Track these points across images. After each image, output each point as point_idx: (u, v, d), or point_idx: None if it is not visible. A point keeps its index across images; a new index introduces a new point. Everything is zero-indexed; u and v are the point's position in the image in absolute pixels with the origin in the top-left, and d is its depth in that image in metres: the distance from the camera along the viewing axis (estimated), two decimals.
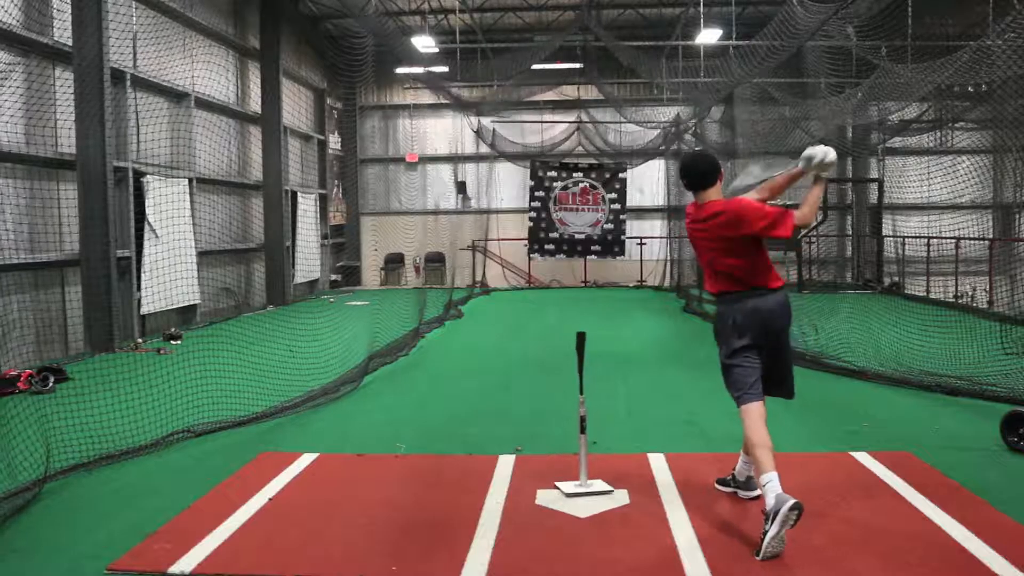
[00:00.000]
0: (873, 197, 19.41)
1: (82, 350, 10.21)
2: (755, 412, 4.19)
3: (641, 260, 20.59)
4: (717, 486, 4.80)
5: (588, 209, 20.83)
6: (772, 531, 3.75)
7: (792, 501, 3.75)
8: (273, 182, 16.32)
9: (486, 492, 4.75)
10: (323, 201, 20.12)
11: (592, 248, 20.84)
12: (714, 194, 4.38)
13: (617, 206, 20.79)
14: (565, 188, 20.82)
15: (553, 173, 20.86)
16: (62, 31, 10.04)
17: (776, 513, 3.74)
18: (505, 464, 5.30)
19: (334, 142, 21.08)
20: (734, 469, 4.72)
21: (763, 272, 4.31)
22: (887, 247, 18.54)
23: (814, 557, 3.82)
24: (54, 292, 10.07)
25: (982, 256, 15.28)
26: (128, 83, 11.49)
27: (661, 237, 20.53)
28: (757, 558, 3.78)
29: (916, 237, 16.23)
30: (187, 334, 11.73)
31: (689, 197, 4.63)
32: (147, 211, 11.61)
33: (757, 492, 4.56)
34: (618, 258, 20.84)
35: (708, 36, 15.65)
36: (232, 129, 15.48)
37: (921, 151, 17.70)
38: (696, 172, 4.41)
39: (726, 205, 4.31)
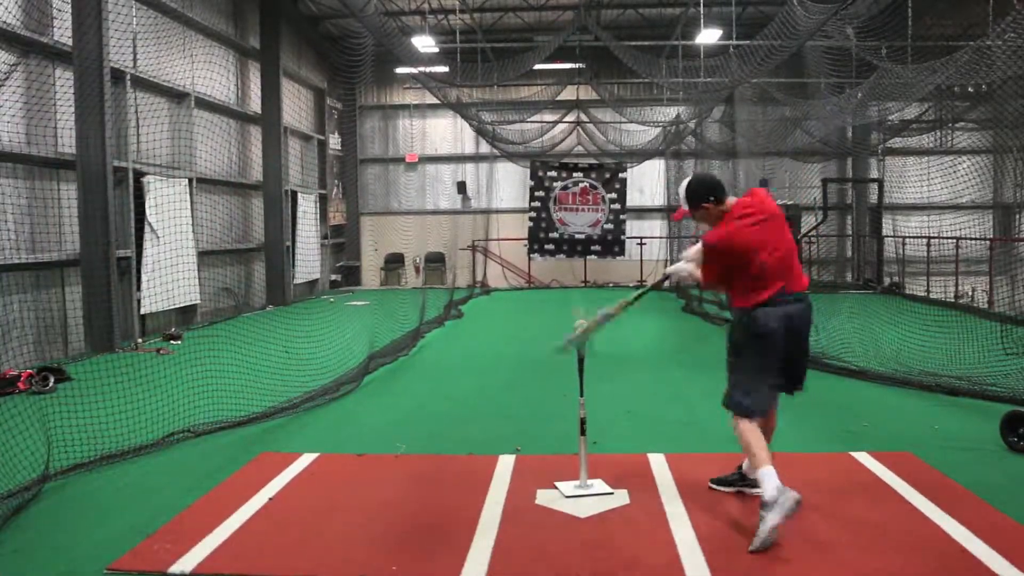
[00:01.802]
0: (873, 197, 19.42)
1: (82, 350, 10.21)
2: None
3: (641, 260, 20.59)
4: (715, 487, 4.75)
5: (588, 209, 20.83)
6: (771, 519, 3.81)
7: (797, 495, 3.85)
8: (273, 182, 16.33)
9: (486, 492, 4.75)
10: (323, 201, 20.13)
11: (592, 248, 20.84)
12: (713, 213, 4.37)
13: (617, 206, 20.80)
14: (565, 188, 20.82)
15: (553, 173, 20.87)
16: (62, 31, 10.04)
17: (775, 503, 3.82)
18: (505, 464, 5.30)
19: (334, 142, 21.08)
20: (741, 467, 4.69)
21: (739, 294, 4.30)
22: (887, 247, 18.55)
23: (814, 557, 3.82)
24: (54, 292, 10.07)
25: (982, 256, 15.28)
26: (128, 83, 11.49)
27: (661, 237, 20.54)
28: (750, 550, 3.82)
29: (916, 237, 16.24)
30: (187, 334, 11.73)
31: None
32: (147, 211, 11.61)
33: None
34: (618, 258, 20.85)
35: (708, 36, 15.66)
36: (232, 129, 15.48)
37: (921, 151, 17.70)
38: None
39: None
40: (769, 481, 3.91)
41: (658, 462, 5.27)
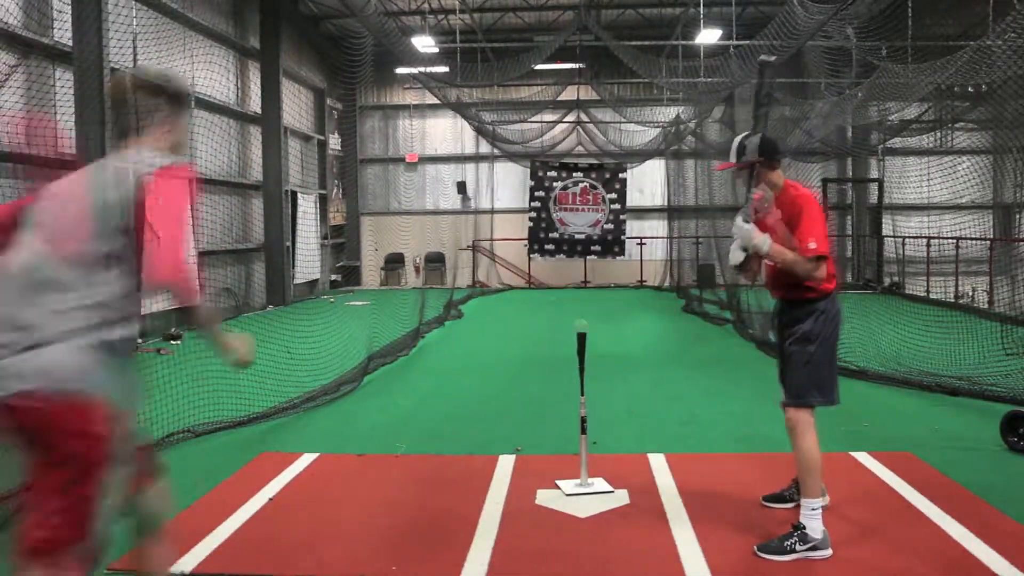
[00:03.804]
0: (873, 197, 19.41)
1: None
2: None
3: (641, 260, 20.60)
4: (768, 504, 4.48)
5: (588, 209, 20.83)
6: (797, 555, 3.78)
7: (831, 553, 3.80)
8: (273, 182, 16.33)
9: (486, 492, 4.75)
10: (323, 201, 20.13)
11: (592, 248, 20.84)
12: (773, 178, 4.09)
13: (617, 206, 20.80)
14: (565, 188, 20.82)
15: (553, 173, 20.87)
16: (62, 31, 10.04)
17: (815, 546, 3.78)
18: (505, 464, 5.30)
19: (334, 142, 21.08)
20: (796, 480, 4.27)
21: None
22: (887, 247, 18.55)
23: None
24: None
25: (982, 256, 15.28)
26: None
27: (661, 237, 20.55)
28: (760, 552, 3.82)
29: (916, 237, 16.24)
30: (187, 334, 11.72)
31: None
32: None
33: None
34: (618, 258, 20.86)
35: (708, 36, 15.65)
36: (232, 129, 15.47)
37: (921, 151, 17.69)
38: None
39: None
40: (817, 522, 3.83)
41: (658, 462, 5.27)
